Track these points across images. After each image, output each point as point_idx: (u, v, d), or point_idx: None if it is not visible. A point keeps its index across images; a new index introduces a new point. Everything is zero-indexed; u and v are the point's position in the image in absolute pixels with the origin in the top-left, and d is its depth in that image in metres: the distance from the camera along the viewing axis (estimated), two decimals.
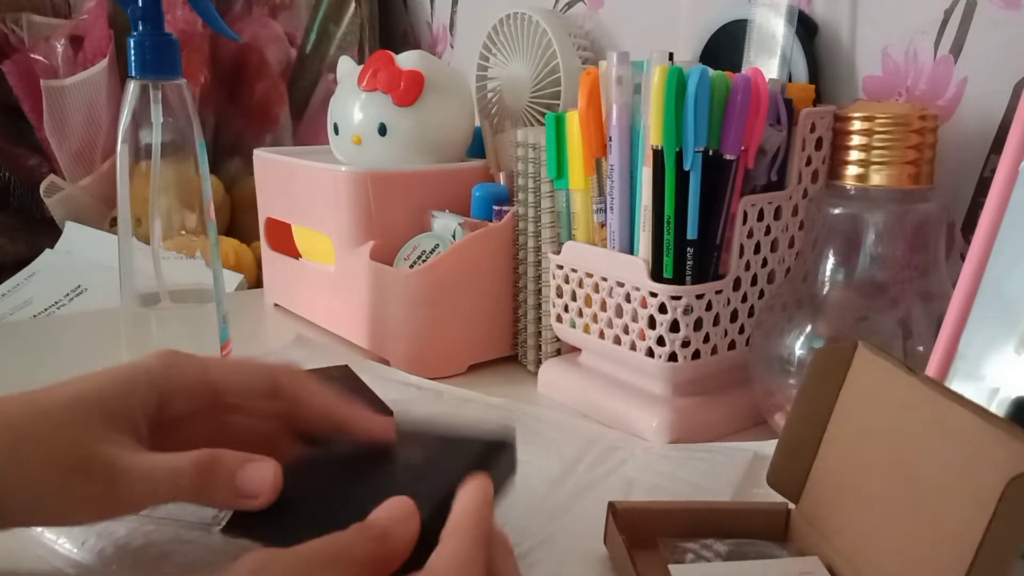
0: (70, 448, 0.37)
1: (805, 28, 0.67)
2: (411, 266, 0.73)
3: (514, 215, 0.71)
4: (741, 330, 0.59)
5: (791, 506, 0.44)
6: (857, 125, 0.54)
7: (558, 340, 0.69)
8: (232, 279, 1.00)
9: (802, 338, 0.54)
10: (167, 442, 0.40)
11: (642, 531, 0.42)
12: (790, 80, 0.65)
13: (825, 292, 0.55)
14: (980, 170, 0.61)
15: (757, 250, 0.58)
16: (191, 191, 0.63)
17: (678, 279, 0.56)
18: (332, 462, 0.42)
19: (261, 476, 0.38)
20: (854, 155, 0.54)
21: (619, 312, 0.59)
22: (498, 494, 0.39)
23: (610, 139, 0.58)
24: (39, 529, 0.44)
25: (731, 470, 0.52)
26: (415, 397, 0.64)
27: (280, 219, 0.86)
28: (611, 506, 0.43)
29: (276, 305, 0.90)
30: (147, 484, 0.38)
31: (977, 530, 0.30)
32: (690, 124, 0.53)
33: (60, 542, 0.44)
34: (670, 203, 0.55)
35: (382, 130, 0.76)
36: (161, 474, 0.38)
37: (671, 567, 0.39)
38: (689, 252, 0.56)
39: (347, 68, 0.81)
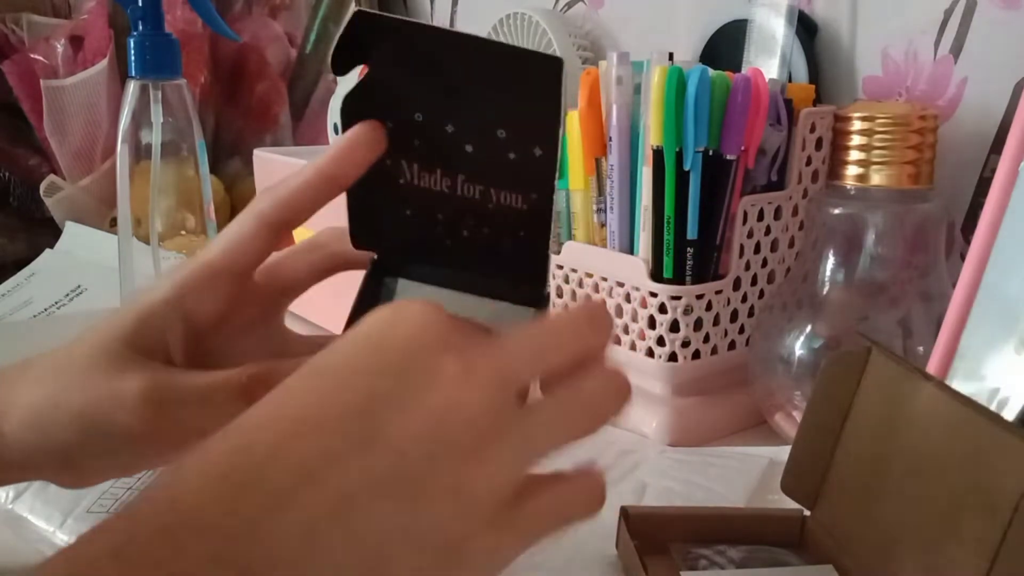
0: (109, 388, 0.36)
1: (805, 28, 0.67)
2: None
3: None
4: (741, 330, 0.59)
5: (806, 513, 0.43)
6: (857, 125, 0.54)
7: None
8: None
9: (802, 338, 0.54)
10: (209, 343, 0.39)
11: (654, 536, 0.42)
12: (790, 80, 0.65)
13: (825, 292, 0.55)
14: (980, 170, 0.61)
15: (757, 250, 0.58)
16: (191, 191, 0.63)
17: (678, 279, 0.56)
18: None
19: None
20: (854, 155, 0.54)
21: (619, 312, 0.59)
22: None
23: (610, 139, 0.58)
24: (51, 528, 0.44)
25: (746, 476, 0.52)
26: None
27: None
28: (623, 511, 0.43)
29: None
30: (198, 407, 0.36)
31: (993, 539, 0.30)
32: (690, 124, 0.53)
33: (71, 541, 0.44)
34: (670, 203, 0.55)
35: None
36: (214, 396, 0.36)
37: (683, 574, 0.39)
38: (689, 252, 0.56)
39: None
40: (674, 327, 0.56)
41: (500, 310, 0.35)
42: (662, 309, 0.56)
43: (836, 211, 0.55)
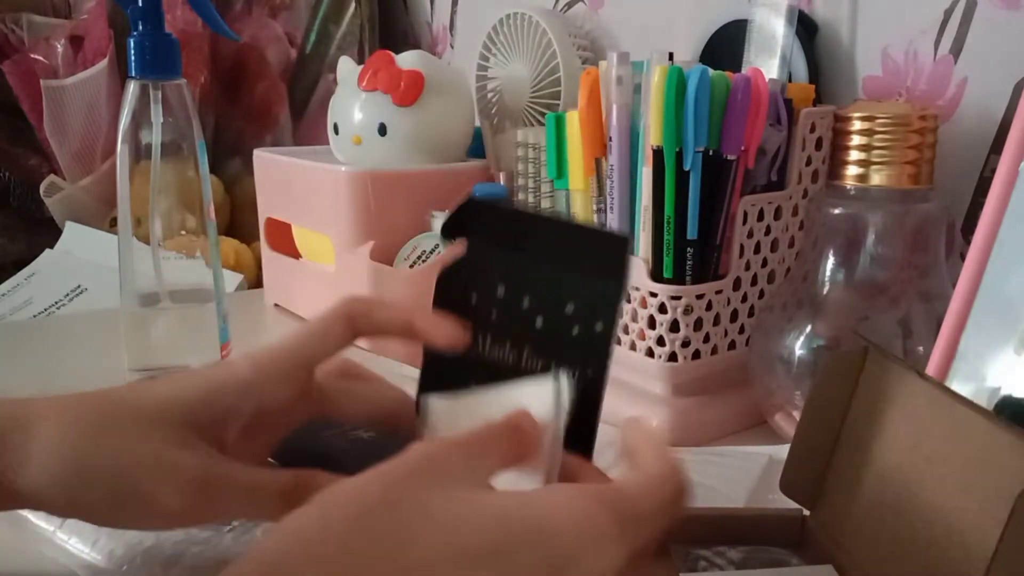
0: (160, 461, 0.36)
1: (805, 28, 0.67)
2: (411, 266, 0.73)
3: None
4: (741, 330, 0.59)
5: (806, 513, 0.43)
6: (857, 125, 0.54)
7: None
8: (232, 279, 1.00)
9: (802, 338, 0.54)
10: (256, 433, 0.39)
11: None
12: (790, 80, 0.65)
13: (825, 292, 0.55)
14: (980, 170, 0.61)
15: (757, 250, 0.58)
16: (191, 191, 0.63)
17: (678, 279, 0.56)
18: None
19: None
20: (854, 155, 0.54)
21: None
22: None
23: (610, 139, 0.58)
24: (51, 528, 0.44)
25: (746, 475, 0.52)
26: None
27: (280, 219, 0.86)
28: None
29: (276, 305, 0.90)
30: (240, 501, 0.37)
31: (991, 538, 0.30)
32: (690, 124, 0.53)
33: (71, 542, 0.44)
34: (670, 203, 0.55)
35: (382, 130, 0.76)
36: (258, 494, 0.37)
37: None
38: (689, 252, 0.56)
39: (347, 68, 0.81)
40: (674, 327, 0.56)
41: (529, 394, 0.37)
42: (662, 309, 0.56)
43: (836, 211, 0.55)
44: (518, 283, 0.38)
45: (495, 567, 0.26)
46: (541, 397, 0.36)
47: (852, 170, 0.54)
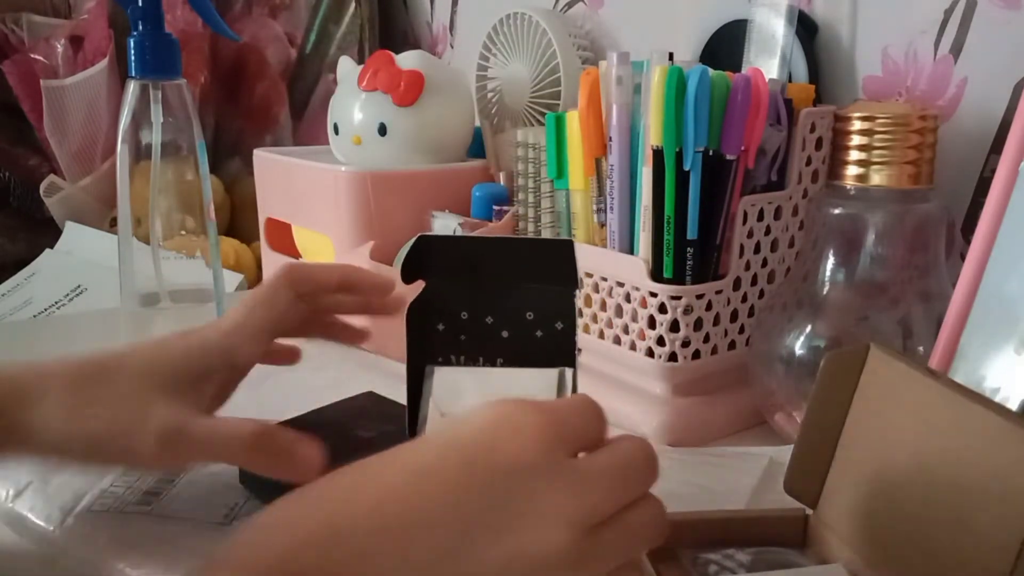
0: (136, 414, 0.41)
1: (805, 28, 0.67)
2: None
3: (514, 215, 0.71)
4: (741, 330, 0.59)
5: (808, 512, 0.43)
6: (857, 125, 0.54)
7: None
8: (232, 279, 1.00)
9: (802, 338, 0.54)
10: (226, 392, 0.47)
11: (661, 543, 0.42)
12: (790, 80, 0.65)
13: (825, 292, 0.55)
14: (980, 170, 0.61)
15: (757, 250, 0.58)
16: (191, 191, 0.63)
17: (678, 279, 0.56)
18: None
19: (312, 455, 0.40)
20: (854, 155, 0.54)
21: (619, 312, 0.59)
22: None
23: (610, 139, 0.58)
24: (43, 523, 0.45)
25: (747, 476, 0.51)
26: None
27: (280, 219, 0.86)
28: None
29: None
30: (211, 449, 0.41)
31: (1013, 535, 0.30)
32: (690, 124, 0.53)
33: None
34: (670, 203, 0.55)
35: (382, 130, 0.76)
36: (227, 442, 0.41)
37: None
38: (689, 252, 0.56)
39: (347, 68, 0.81)
40: (674, 327, 0.56)
41: (532, 374, 0.41)
42: (662, 309, 0.56)
43: (836, 211, 0.55)
44: (478, 304, 0.42)
45: (435, 479, 0.28)
46: (545, 382, 0.39)
47: (852, 170, 0.54)
